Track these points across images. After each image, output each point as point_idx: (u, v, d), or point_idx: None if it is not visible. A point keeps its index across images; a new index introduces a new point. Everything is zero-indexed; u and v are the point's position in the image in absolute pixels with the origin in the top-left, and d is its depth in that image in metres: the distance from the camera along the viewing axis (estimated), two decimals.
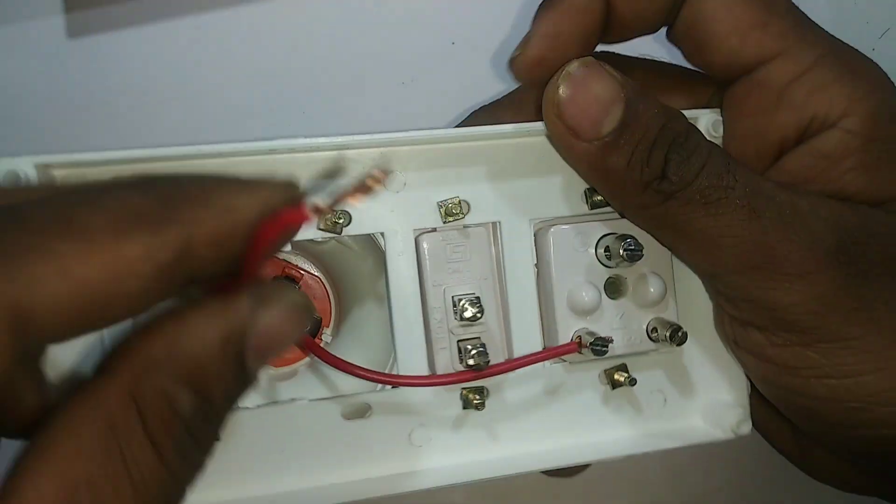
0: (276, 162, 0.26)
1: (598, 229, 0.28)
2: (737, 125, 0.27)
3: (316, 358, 0.26)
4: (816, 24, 0.27)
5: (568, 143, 0.25)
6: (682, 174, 0.24)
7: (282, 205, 0.17)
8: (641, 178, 0.25)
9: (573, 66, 0.25)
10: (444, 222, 0.27)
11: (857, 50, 0.27)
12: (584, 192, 0.28)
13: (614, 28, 0.26)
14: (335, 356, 0.25)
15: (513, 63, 0.26)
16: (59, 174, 0.24)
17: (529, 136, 0.27)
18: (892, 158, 0.25)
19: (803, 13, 0.27)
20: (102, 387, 0.16)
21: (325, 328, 0.31)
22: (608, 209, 0.28)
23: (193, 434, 0.16)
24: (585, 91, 0.25)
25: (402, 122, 0.39)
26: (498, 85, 0.27)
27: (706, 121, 0.28)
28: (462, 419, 0.28)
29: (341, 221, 0.26)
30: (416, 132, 0.26)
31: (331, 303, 0.31)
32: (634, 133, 0.24)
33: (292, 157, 0.26)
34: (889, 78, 0.26)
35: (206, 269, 0.16)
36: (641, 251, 0.26)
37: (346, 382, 0.28)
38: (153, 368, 0.16)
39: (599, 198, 0.28)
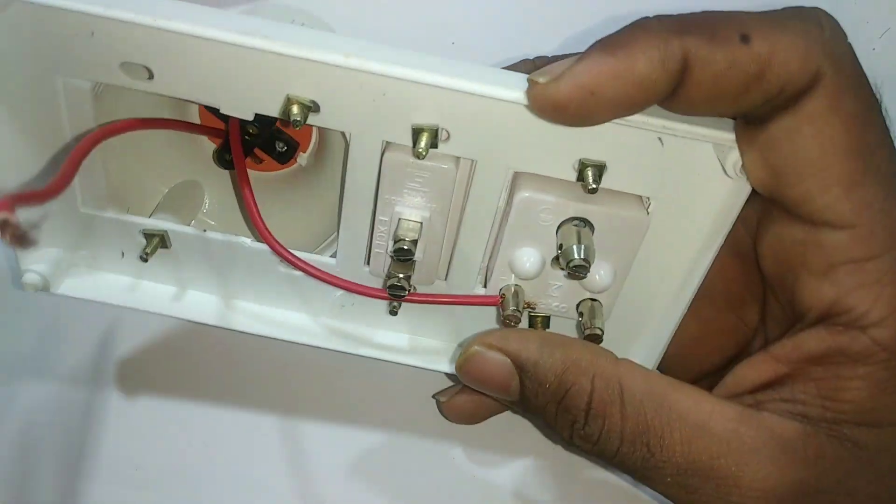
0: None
1: (567, 210, 0.25)
2: (776, 258, 0.26)
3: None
4: None
5: None
6: (600, 451, 0.25)
7: None
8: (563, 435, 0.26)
9: (472, 348, 0.26)
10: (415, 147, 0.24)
11: None
12: (579, 161, 0.25)
13: (676, 102, 0.22)
14: (270, 233, 0.27)
15: (533, 90, 0.22)
16: None
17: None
18: None
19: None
20: None
21: (301, 152, 0.31)
22: (594, 185, 0.25)
23: None
24: (482, 370, 0.26)
25: None
26: None
27: (732, 159, 0.23)
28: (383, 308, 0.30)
29: (309, 107, 0.24)
30: (409, 70, 0.23)
31: (312, 133, 0.31)
32: (536, 408, 0.25)
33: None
34: None
35: None
36: (585, 274, 0.25)
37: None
38: None
39: (591, 174, 0.25)
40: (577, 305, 0.28)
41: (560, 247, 0.25)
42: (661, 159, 0.24)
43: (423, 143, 0.24)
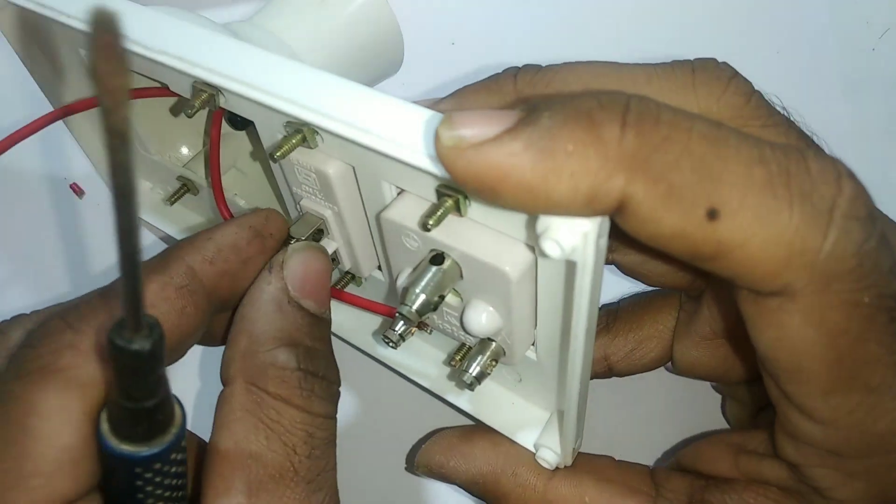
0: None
1: (429, 242, 0.22)
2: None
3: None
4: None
5: None
6: None
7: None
8: None
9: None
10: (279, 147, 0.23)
11: None
12: (436, 185, 0.21)
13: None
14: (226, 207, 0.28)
15: (436, 143, 0.17)
16: None
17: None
18: None
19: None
20: (231, 394, 0.20)
21: None
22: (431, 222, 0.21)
23: (309, 372, 0.20)
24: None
25: None
26: None
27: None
28: None
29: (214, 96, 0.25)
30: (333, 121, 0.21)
31: None
32: None
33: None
34: None
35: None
36: (412, 326, 0.22)
37: None
38: (249, 357, 0.20)
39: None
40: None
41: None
42: None
43: (288, 144, 0.23)
